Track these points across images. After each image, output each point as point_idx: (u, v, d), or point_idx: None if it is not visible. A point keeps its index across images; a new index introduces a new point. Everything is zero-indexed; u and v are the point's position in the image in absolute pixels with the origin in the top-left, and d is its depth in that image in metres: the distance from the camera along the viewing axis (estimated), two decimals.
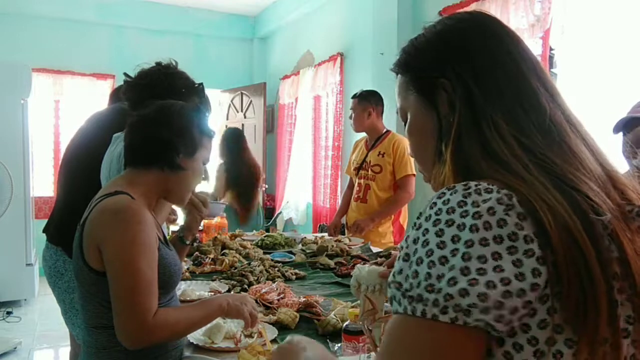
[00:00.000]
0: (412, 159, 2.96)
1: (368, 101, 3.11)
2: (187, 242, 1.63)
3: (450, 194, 0.55)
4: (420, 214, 0.57)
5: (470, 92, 0.64)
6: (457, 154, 0.63)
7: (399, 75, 0.74)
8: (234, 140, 3.99)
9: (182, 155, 1.31)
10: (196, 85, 1.78)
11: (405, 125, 0.75)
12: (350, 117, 3.18)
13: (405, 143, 3.03)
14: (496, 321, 0.50)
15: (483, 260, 0.51)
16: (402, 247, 0.58)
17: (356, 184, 3.20)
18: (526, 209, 0.53)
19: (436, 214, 0.55)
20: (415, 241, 0.55)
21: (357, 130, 3.20)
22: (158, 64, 1.74)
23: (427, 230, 0.54)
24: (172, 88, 1.67)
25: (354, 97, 3.16)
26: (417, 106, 0.71)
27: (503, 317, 0.50)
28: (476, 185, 0.55)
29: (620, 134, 1.86)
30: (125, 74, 1.75)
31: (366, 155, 3.15)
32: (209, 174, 2.63)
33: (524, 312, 0.51)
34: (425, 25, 0.73)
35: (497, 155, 0.59)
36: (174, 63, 1.77)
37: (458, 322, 0.50)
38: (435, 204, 0.56)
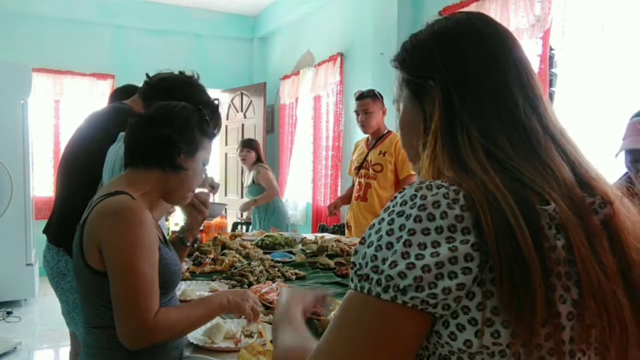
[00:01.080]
0: None
1: (381, 100, 3.09)
2: (188, 244, 1.62)
3: (407, 189, 0.61)
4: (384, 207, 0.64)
5: (451, 97, 0.67)
6: (432, 156, 0.67)
7: (397, 73, 0.77)
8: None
9: (183, 154, 1.31)
10: (212, 101, 1.79)
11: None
12: (359, 118, 3.11)
13: None
14: (430, 298, 0.56)
15: (422, 247, 0.57)
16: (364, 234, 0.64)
17: (357, 183, 3.20)
18: (468, 203, 0.58)
19: (393, 205, 0.61)
20: (371, 227, 0.62)
21: (369, 131, 3.14)
22: (181, 72, 1.76)
23: (382, 219, 0.61)
24: (190, 98, 1.68)
25: (362, 97, 3.09)
26: (407, 102, 0.74)
27: (436, 296, 0.56)
28: (430, 182, 0.61)
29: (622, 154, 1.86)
30: (147, 74, 1.76)
31: (367, 154, 3.15)
32: (217, 183, 2.62)
33: (458, 294, 0.56)
34: (427, 21, 0.75)
35: (463, 160, 0.64)
36: (196, 75, 1.79)
37: (397, 300, 0.56)
38: (395, 197, 0.62)
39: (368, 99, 3.06)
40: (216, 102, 1.82)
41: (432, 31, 0.72)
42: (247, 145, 4.53)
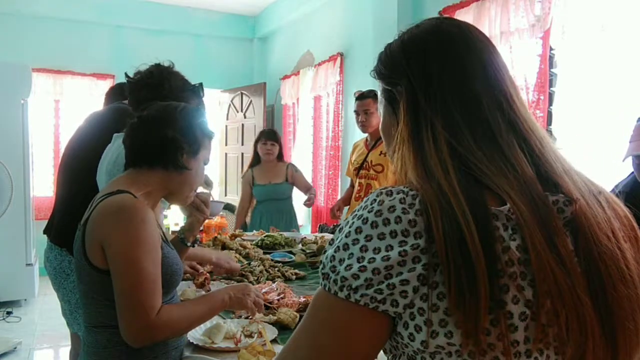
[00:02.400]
0: None
1: None
2: (188, 244, 1.63)
3: (371, 194, 0.64)
4: None
5: (416, 98, 0.69)
6: (401, 159, 0.69)
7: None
8: None
9: (186, 154, 1.32)
10: (196, 85, 1.80)
11: None
12: (359, 118, 3.10)
13: None
14: (377, 294, 0.59)
15: (376, 252, 0.59)
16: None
17: (356, 184, 3.20)
18: (422, 208, 0.60)
19: (357, 209, 0.64)
20: (339, 230, 0.65)
21: (370, 130, 3.13)
22: (158, 65, 1.75)
23: (347, 222, 0.64)
24: (174, 88, 1.69)
25: (363, 97, 3.07)
26: (384, 110, 0.78)
27: (382, 291, 0.58)
28: (390, 188, 0.63)
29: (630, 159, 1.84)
30: (126, 74, 1.75)
31: (366, 155, 3.14)
32: (211, 180, 2.61)
33: (403, 289, 0.58)
34: (400, 31, 0.78)
35: (426, 160, 0.65)
36: (172, 64, 1.78)
37: (350, 298, 0.60)
38: (364, 200, 0.65)
39: (369, 99, 3.05)
40: (198, 85, 1.83)
41: (402, 40, 0.76)
42: (273, 137, 3.92)
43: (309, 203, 3.67)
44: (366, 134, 3.23)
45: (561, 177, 0.65)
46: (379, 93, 0.80)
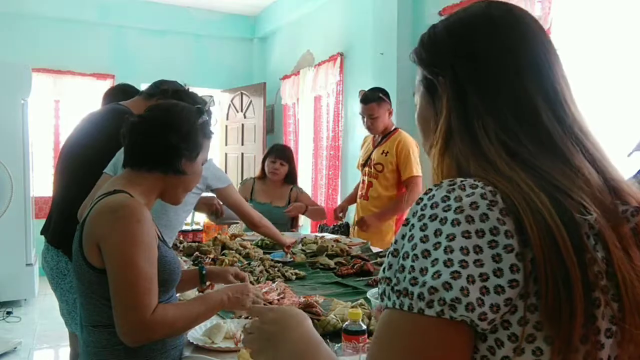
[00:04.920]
0: (417, 160, 2.97)
1: (386, 101, 3.01)
2: (204, 285, 1.61)
3: (436, 190, 0.56)
4: (410, 211, 0.59)
5: (463, 93, 0.63)
6: (447, 152, 0.64)
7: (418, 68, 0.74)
8: None
9: (185, 160, 1.32)
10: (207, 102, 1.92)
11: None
12: (365, 122, 3.05)
13: (410, 143, 3.01)
14: (480, 319, 0.50)
15: (465, 252, 0.51)
16: (393, 244, 0.59)
17: (361, 181, 3.20)
18: (508, 206, 0.53)
19: (422, 209, 0.56)
20: (403, 237, 0.56)
21: (376, 133, 3.09)
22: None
23: (413, 225, 0.56)
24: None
25: (367, 101, 2.99)
26: (422, 98, 0.71)
27: (486, 315, 0.51)
28: (461, 182, 0.56)
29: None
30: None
31: (371, 152, 3.13)
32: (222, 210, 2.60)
33: (505, 310, 0.52)
34: (443, 15, 0.72)
35: (485, 155, 0.59)
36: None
37: (444, 315, 0.50)
38: (421, 199, 0.57)
39: (373, 104, 2.97)
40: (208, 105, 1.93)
41: (447, 24, 0.69)
42: (283, 156, 3.39)
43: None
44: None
45: (627, 187, 0.61)
46: (417, 79, 0.72)
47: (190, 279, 1.56)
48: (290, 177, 3.42)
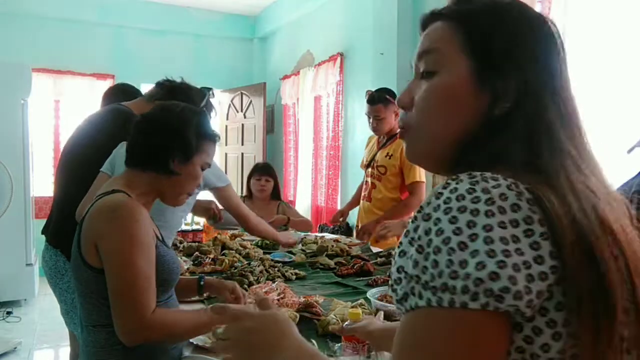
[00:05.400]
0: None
1: (392, 102, 2.95)
2: (202, 296, 1.62)
3: (456, 183, 0.54)
4: (422, 207, 0.56)
5: (537, 93, 0.62)
6: (497, 144, 0.61)
7: (449, 24, 0.66)
8: None
9: (177, 160, 1.31)
10: (205, 92, 1.88)
11: (422, 74, 0.67)
12: (370, 122, 3.03)
13: None
14: (527, 307, 0.50)
15: (505, 242, 0.50)
16: (409, 242, 0.56)
17: (364, 182, 3.19)
18: (534, 197, 0.53)
19: (445, 202, 0.53)
20: (427, 232, 0.53)
21: (381, 134, 3.07)
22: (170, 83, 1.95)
23: (438, 219, 0.53)
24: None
25: (374, 102, 2.97)
26: (466, 74, 0.63)
27: (532, 302, 0.50)
28: (481, 175, 0.54)
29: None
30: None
31: (375, 154, 3.12)
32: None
33: (545, 296, 0.51)
34: None
35: (541, 157, 0.59)
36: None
37: (489, 307, 0.49)
38: (441, 193, 0.54)
39: (379, 105, 2.95)
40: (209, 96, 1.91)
41: (519, 11, 0.65)
42: (267, 172, 3.53)
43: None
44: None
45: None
46: (446, 37, 0.65)
47: (189, 287, 1.55)
48: (276, 193, 3.54)
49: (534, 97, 0.61)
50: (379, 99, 2.96)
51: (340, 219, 3.36)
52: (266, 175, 3.48)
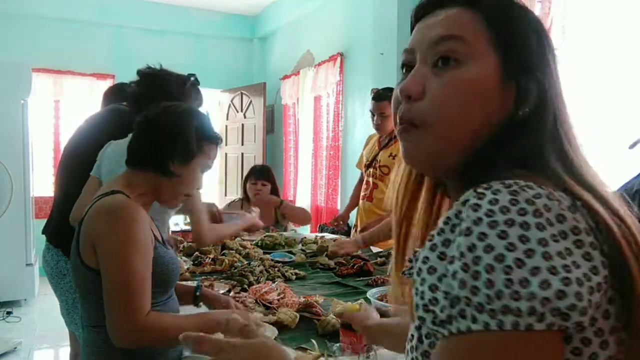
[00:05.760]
0: None
1: None
2: (198, 306, 1.59)
3: (493, 193, 0.50)
4: (449, 218, 0.52)
5: (558, 94, 0.62)
6: (523, 142, 0.58)
7: (472, 14, 0.61)
8: None
9: (176, 161, 1.31)
10: (191, 80, 1.84)
11: (438, 62, 0.61)
12: (374, 119, 3.02)
13: None
14: (588, 321, 0.48)
15: (562, 256, 0.47)
16: (438, 257, 0.52)
17: (364, 182, 3.18)
18: (570, 203, 0.51)
19: (487, 215, 0.49)
20: (470, 248, 0.48)
21: (384, 133, 3.06)
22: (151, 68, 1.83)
23: (484, 234, 0.48)
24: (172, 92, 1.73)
25: (380, 99, 2.94)
26: (493, 70, 0.59)
27: (593, 315, 0.48)
28: (515, 183, 0.51)
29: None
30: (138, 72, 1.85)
31: (377, 154, 3.11)
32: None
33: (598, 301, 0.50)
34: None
35: (565, 157, 0.58)
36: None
37: (554, 327, 0.46)
38: (478, 205, 0.50)
39: (385, 102, 2.92)
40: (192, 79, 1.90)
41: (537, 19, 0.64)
42: (264, 176, 3.39)
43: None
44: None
45: None
46: (472, 25, 0.60)
47: (185, 295, 1.53)
48: (274, 195, 3.40)
49: (556, 98, 0.60)
50: (385, 96, 2.94)
51: (342, 224, 3.35)
52: (262, 179, 3.36)
